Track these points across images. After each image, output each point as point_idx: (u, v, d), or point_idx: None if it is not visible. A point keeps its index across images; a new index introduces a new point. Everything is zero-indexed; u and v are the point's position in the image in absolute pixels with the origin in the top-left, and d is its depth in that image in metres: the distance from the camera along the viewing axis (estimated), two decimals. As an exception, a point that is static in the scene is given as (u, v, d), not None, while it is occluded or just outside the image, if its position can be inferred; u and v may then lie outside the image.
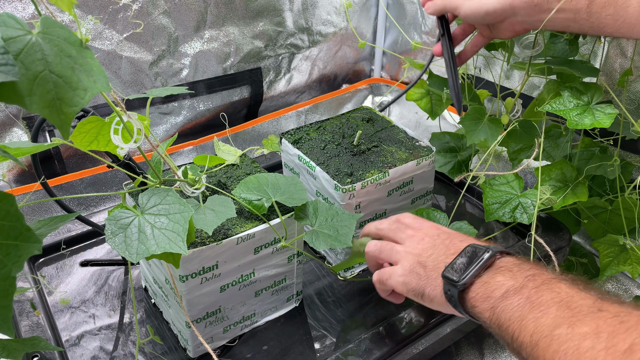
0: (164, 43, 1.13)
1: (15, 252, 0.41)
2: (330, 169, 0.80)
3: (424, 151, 0.85)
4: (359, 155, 0.83)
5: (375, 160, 0.82)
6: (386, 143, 0.86)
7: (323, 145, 0.85)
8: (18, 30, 0.40)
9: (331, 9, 1.37)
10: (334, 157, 0.82)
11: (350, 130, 0.89)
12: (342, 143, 0.86)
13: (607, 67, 0.93)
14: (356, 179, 0.78)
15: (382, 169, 0.80)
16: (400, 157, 0.83)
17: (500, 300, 0.54)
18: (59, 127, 0.42)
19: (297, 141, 0.86)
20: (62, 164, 1.09)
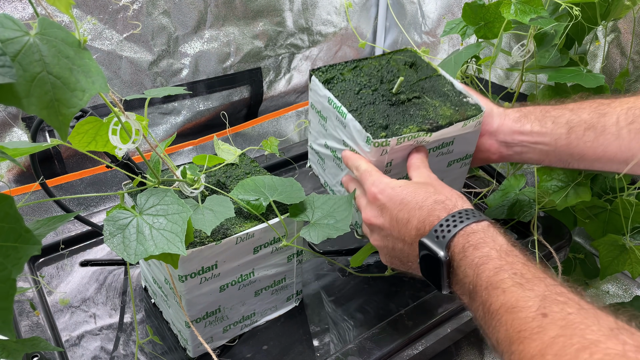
0: (164, 43, 1.13)
1: (15, 254, 0.41)
2: (363, 118, 0.70)
3: (471, 109, 0.73)
4: (398, 106, 0.72)
5: (415, 114, 0.71)
6: (429, 94, 0.75)
7: (358, 89, 0.74)
8: (15, 31, 0.40)
9: (331, 8, 1.37)
10: (369, 104, 0.72)
11: (390, 74, 0.77)
12: (380, 89, 0.74)
13: (607, 67, 0.93)
14: (391, 134, 0.68)
15: (421, 126, 0.69)
16: (444, 113, 0.72)
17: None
18: (57, 128, 0.42)
19: (328, 81, 0.75)
20: (62, 164, 1.09)
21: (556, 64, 0.88)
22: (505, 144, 0.74)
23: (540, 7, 0.79)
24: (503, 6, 0.81)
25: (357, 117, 0.70)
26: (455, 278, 0.56)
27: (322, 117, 0.77)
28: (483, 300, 0.51)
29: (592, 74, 0.83)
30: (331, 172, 0.80)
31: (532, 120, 0.72)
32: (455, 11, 1.24)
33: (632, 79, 0.90)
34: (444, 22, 1.20)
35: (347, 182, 0.74)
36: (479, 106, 0.73)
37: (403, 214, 0.61)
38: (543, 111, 0.72)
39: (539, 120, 0.71)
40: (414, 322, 0.77)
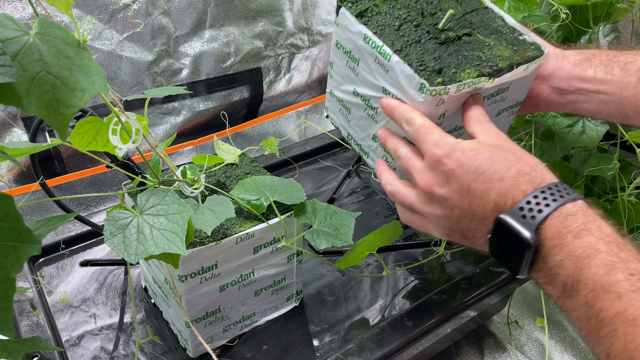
0: (164, 43, 1.13)
1: (14, 253, 0.41)
2: (411, 61, 0.57)
3: (530, 49, 0.61)
4: (448, 45, 0.59)
5: (470, 55, 0.59)
6: (480, 31, 0.62)
7: (398, 24, 0.60)
8: (15, 31, 0.40)
9: (331, 8, 1.37)
10: (414, 43, 0.59)
11: (431, 6, 0.63)
12: (423, 24, 0.61)
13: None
14: (448, 79, 0.56)
15: (480, 69, 0.57)
16: (502, 54, 0.59)
17: None
18: (56, 128, 0.42)
19: (361, 14, 0.62)
20: (62, 163, 1.09)
21: None
22: (559, 91, 0.65)
23: (534, 4, 0.80)
24: (496, 3, 0.81)
25: (404, 59, 0.57)
26: (543, 266, 0.48)
27: (352, 59, 0.64)
28: (588, 303, 0.44)
29: None
30: (359, 125, 0.68)
31: (596, 64, 0.62)
32: (455, 11, 1.24)
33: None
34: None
35: (384, 136, 0.62)
36: (539, 45, 0.62)
37: (477, 185, 0.51)
38: (609, 55, 0.62)
39: (604, 65, 0.62)
40: (414, 322, 0.77)
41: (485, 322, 1.07)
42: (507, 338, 1.03)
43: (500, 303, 1.01)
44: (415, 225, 0.60)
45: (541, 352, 1.01)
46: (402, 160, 0.58)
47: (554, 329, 1.04)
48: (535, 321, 1.05)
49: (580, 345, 1.00)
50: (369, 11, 0.62)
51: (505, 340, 1.03)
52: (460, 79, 0.56)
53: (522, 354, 1.01)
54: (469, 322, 0.78)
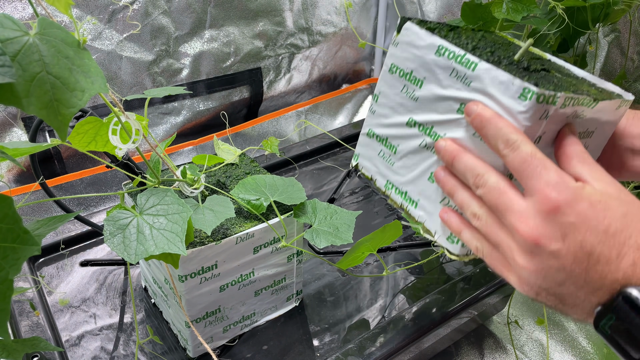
0: (164, 43, 1.13)
1: (13, 254, 0.41)
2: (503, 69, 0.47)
3: (614, 95, 0.54)
4: (531, 72, 0.50)
5: (559, 82, 0.50)
6: (556, 73, 0.54)
7: (471, 46, 0.52)
8: (15, 31, 0.40)
9: (331, 8, 1.37)
10: (494, 63, 0.49)
11: (495, 46, 0.55)
12: (495, 54, 0.52)
13: (608, 67, 0.93)
14: (552, 87, 0.47)
15: (580, 90, 0.49)
16: (589, 90, 0.51)
17: None
18: (56, 129, 0.42)
19: (432, 29, 0.53)
20: (62, 163, 1.09)
21: None
22: (632, 152, 0.56)
23: (533, 5, 0.79)
24: (494, 5, 0.80)
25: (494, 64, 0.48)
26: None
27: (414, 81, 0.54)
28: None
29: None
30: (408, 165, 0.56)
31: None
32: (455, 11, 1.24)
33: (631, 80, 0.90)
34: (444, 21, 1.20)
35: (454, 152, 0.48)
36: (621, 93, 0.54)
37: (604, 249, 0.41)
38: None
39: None
40: (414, 322, 0.77)
41: (485, 322, 1.07)
42: (507, 338, 1.03)
43: (500, 303, 1.01)
44: (493, 264, 0.48)
45: (541, 352, 1.01)
46: (491, 192, 0.45)
47: (554, 329, 1.04)
48: (535, 321, 1.05)
49: (580, 345, 1.00)
50: (437, 31, 0.53)
51: (505, 341, 1.03)
52: (568, 89, 0.46)
53: (522, 354, 1.01)
54: (469, 322, 0.78)
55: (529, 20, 0.82)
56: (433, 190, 0.53)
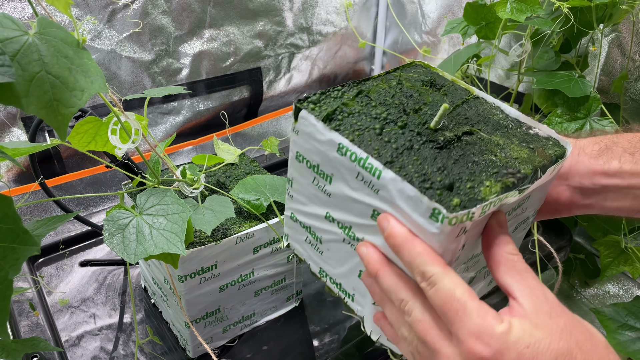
0: (164, 43, 1.13)
1: (13, 254, 0.41)
2: (410, 175, 0.41)
3: (549, 145, 0.47)
4: (449, 149, 0.44)
5: (481, 161, 0.44)
6: (482, 128, 0.48)
7: (378, 126, 0.45)
8: (14, 30, 0.40)
9: (331, 8, 1.37)
10: (406, 150, 0.43)
11: (411, 101, 0.49)
12: (409, 124, 0.46)
13: (608, 67, 0.93)
14: (467, 199, 0.40)
15: (503, 179, 0.42)
16: (518, 155, 0.45)
17: None
18: (56, 128, 0.41)
19: (330, 117, 0.46)
20: (62, 163, 1.09)
21: (551, 66, 0.88)
22: (581, 191, 0.53)
23: (536, 5, 0.79)
24: (498, 5, 0.80)
25: (399, 173, 0.41)
26: None
27: (322, 175, 0.47)
28: None
29: (582, 80, 0.83)
30: (337, 257, 0.50)
31: (620, 154, 0.51)
32: (456, 11, 1.24)
33: (632, 80, 0.90)
34: (445, 21, 1.20)
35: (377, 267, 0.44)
36: (556, 140, 0.48)
37: None
38: (632, 141, 0.52)
39: (629, 153, 0.51)
40: (414, 323, 0.76)
41: (486, 323, 1.06)
42: (507, 338, 1.03)
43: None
44: None
45: (541, 352, 1.01)
46: (417, 325, 0.41)
47: (554, 329, 1.04)
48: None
49: (580, 346, 1.00)
50: (338, 112, 0.46)
51: (505, 341, 1.03)
52: (483, 196, 0.40)
53: (522, 354, 1.01)
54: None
55: (533, 21, 0.81)
56: (365, 289, 0.47)
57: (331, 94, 0.48)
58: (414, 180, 0.40)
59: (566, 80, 0.82)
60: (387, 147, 0.43)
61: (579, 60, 0.92)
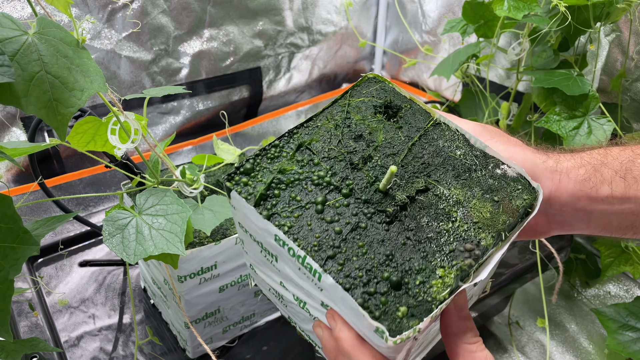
0: (163, 42, 1.13)
1: (13, 254, 0.41)
2: (353, 276, 0.37)
3: (516, 191, 0.41)
4: (400, 222, 0.40)
5: (436, 238, 0.39)
6: (440, 175, 0.42)
7: (320, 200, 0.40)
8: (14, 30, 0.40)
9: (331, 8, 1.37)
10: (350, 233, 0.39)
11: (361, 143, 0.44)
12: (356, 189, 0.41)
13: (609, 66, 0.93)
14: (415, 303, 0.36)
15: (460, 261, 0.37)
16: (480, 216, 0.40)
17: None
18: (55, 128, 0.41)
19: (264, 198, 0.40)
20: (61, 163, 1.09)
21: (549, 65, 0.88)
22: (562, 218, 0.48)
23: (534, 3, 0.79)
24: (496, 3, 0.80)
25: (340, 276, 0.37)
26: None
27: (268, 253, 0.42)
28: None
29: (581, 78, 0.83)
30: (300, 318, 0.46)
31: (611, 177, 0.46)
32: (456, 10, 1.24)
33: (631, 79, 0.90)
34: (445, 21, 1.20)
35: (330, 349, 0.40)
36: (526, 181, 0.42)
37: None
38: (622, 161, 0.46)
39: (621, 177, 0.46)
40: (414, 323, 0.76)
41: (486, 323, 1.06)
42: (508, 339, 1.03)
43: (501, 304, 1.00)
44: None
45: (542, 353, 1.01)
46: None
47: (555, 329, 1.04)
48: (536, 322, 1.05)
49: (581, 346, 1.00)
50: (274, 186, 0.40)
51: (506, 341, 1.03)
52: (434, 295, 0.36)
53: (523, 354, 1.01)
54: (470, 323, 0.78)
55: (530, 19, 0.81)
56: None
57: (268, 153, 0.42)
58: (356, 288, 0.36)
59: (565, 78, 0.82)
60: (328, 234, 0.38)
61: (578, 59, 0.92)
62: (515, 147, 0.46)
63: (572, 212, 0.47)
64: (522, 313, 1.07)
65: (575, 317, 1.04)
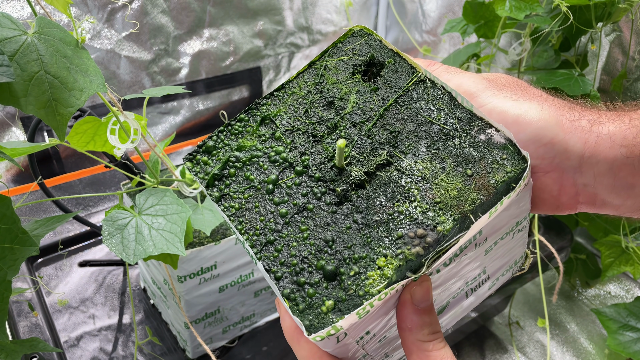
0: (163, 42, 1.13)
1: (11, 255, 0.41)
2: (287, 263, 0.34)
3: (499, 160, 0.35)
4: (350, 202, 0.35)
5: (386, 219, 0.34)
6: (408, 143, 0.36)
7: (271, 178, 0.37)
8: (13, 30, 0.40)
9: (331, 7, 1.37)
10: (297, 215, 0.35)
11: (329, 113, 0.39)
12: (311, 165, 0.37)
13: (609, 66, 0.93)
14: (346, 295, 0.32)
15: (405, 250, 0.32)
16: (443, 193, 0.34)
17: None
18: (54, 128, 0.41)
19: (218, 178, 0.37)
20: (61, 163, 1.09)
21: (550, 65, 0.88)
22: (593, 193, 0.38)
23: (535, 3, 0.79)
24: (497, 3, 0.80)
25: (275, 264, 0.34)
26: None
27: None
28: None
29: (582, 78, 0.83)
30: None
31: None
32: (456, 10, 1.24)
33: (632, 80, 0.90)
34: (445, 21, 1.19)
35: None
36: (515, 149, 0.35)
37: None
38: None
39: None
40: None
41: (486, 323, 1.06)
42: (508, 339, 1.03)
43: (501, 304, 1.00)
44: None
45: (542, 353, 1.01)
46: None
47: (555, 329, 1.04)
48: (536, 322, 1.05)
49: (581, 346, 1.00)
50: (231, 165, 0.37)
51: (506, 341, 1.03)
52: (366, 289, 0.32)
53: (524, 355, 1.01)
54: (470, 323, 0.78)
55: (532, 19, 0.81)
56: None
57: (233, 128, 0.39)
58: (287, 278, 0.33)
59: (566, 78, 0.82)
60: (273, 216, 0.35)
61: (579, 59, 0.92)
62: (530, 102, 0.37)
63: (609, 184, 0.38)
64: (522, 313, 1.07)
65: (575, 317, 1.04)
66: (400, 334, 0.34)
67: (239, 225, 0.35)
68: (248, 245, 0.35)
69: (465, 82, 0.39)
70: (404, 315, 0.33)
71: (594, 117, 0.38)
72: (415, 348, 0.33)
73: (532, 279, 0.91)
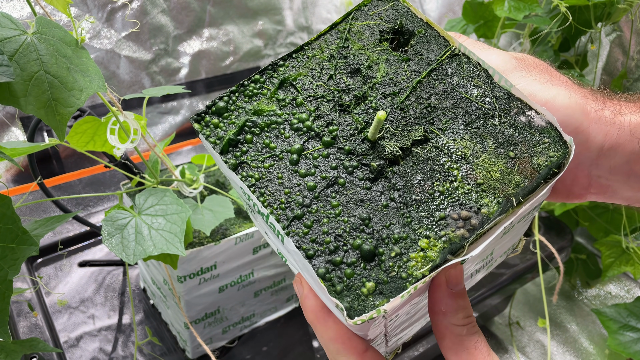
0: (163, 42, 1.13)
1: (12, 255, 0.41)
2: (320, 240, 0.31)
3: (541, 145, 0.33)
4: (386, 179, 0.33)
5: (425, 196, 0.32)
6: (445, 120, 0.34)
7: (298, 148, 0.34)
8: (13, 30, 0.40)
9: (331, 7, 1.36)
10: (326, 189, 0.33)
11: (356, 82, 0.36)
12: (340, 136, 0.34)
13: (609, 66, 0.93)
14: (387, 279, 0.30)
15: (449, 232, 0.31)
16: (487, 176, 0.32)
17: None
18: (54, 128, 0.41)
19: (233, 143, 0.34)
20: (61, 163, 1.09)
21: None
22: (606, 184, 0.38)
23: (534, 3, 0.79)
24: (496, 3, 0.80)
25: (305, 241, 0.31)
26: None
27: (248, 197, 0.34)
28: None
29: (582, 78, 0.83)
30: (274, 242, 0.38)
31: None
32: (456, 10, 1.24)
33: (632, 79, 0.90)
34: (445, 20, 1.19)
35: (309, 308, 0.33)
36: (557, 132, 0.33)
37: None
38: None
39: None
40: (414, 323, 0.76)
41: (487, 323, 1.06)
42: (508, 339, 1.03)
43: (501, 304, 1.00)
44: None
45: (543, 353, 1.01)
46: None
47: (555, 330, 1.04)
48: (536, 322, 1.05)
49: (582, 347, 1.00)
50: (247, 131, 0.34)
51: (506, 342, 1.03)
52: (409, 271, 0.30)
53: (524, 355, 1.01)
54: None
55: (531, 19, 0.81)
56: None
57: (246, 89, 0.35)
58: (320, 256, 0.30)
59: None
60: (299, 189, 0.32)
61: (579, 59, 0.92)
62: (558, 87, 0.36)
63: (624, 177, 0.37)
64: (522, 313, 1.07)
65: (575, 317, 1.04)
66: (432, 318, 0.33)
67: (260, 197, 0.32)
68: (274, 219, 0.32)
69: (493, 59, 0.37)
70: (438, 298, 0.32)
71: (615, 108, 0.37)
72: (448, 332, 0.32)
73: (533, 279, 0.91)
